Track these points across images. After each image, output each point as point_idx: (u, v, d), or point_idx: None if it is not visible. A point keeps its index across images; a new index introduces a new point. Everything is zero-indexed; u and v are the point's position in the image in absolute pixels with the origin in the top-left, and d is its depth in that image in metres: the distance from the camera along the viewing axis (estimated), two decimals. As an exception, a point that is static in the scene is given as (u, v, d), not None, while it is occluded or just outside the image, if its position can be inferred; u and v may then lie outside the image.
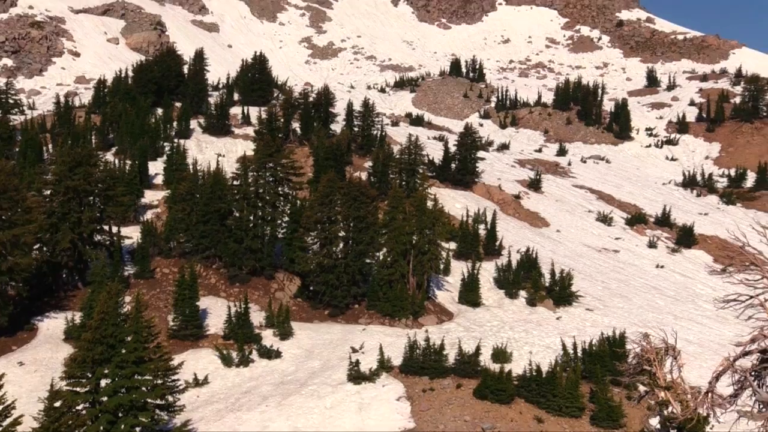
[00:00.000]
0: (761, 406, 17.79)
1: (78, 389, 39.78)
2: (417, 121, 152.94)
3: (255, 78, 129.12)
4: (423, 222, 71.64)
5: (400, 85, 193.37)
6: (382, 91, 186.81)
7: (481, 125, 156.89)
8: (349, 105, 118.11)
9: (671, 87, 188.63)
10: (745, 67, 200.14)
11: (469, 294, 74.55)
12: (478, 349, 59.56)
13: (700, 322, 75.11)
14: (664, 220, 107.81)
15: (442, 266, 76.94)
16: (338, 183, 73.20)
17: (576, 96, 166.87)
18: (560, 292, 76.54)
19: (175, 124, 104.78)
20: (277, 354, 61.06)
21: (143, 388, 41.19)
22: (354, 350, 61.13)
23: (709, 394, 18.71)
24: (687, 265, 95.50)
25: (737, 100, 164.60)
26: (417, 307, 70.00)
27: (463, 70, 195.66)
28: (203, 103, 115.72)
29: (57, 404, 38.54)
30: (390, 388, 55.85)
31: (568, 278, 77.67)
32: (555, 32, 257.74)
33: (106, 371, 39.93)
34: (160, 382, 42.12)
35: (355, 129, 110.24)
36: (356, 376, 56.50)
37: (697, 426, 19.66)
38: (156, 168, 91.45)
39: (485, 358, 59.99)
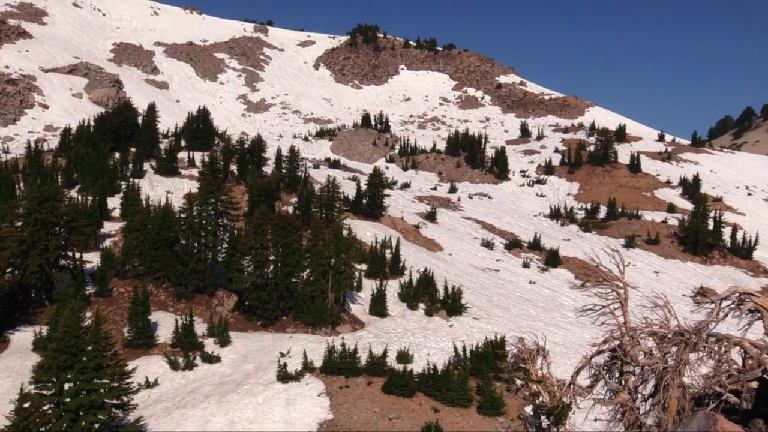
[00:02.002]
0: (611, 394, 18.04)
1: (44, 392, 39.09)
2: (334, 164, 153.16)
3: (199, 128, 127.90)
4: (339, 247, 71.68)
5: (320, 134, 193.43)
6: (306, 139, 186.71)
7: (387, 168, 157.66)
8: (278, 151, 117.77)
9: (540, 137, 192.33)
10: (597, 122, 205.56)
11: (378, 307, 74.55)
12: (385, 352, 59.64)
13: (564, 327, 76.29)
14: (535, 245, 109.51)
15: (355, 284, 77.01)
16: (269, 216, 73.04)
17: (464, 144, 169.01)
18: (452, 305, 76.99)
19: (130, 165, 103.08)
20: (217, 359, 60.34)
21: (101, 390, 40.56)
22: (282, 354, 60.70)
23: (571, 386, 18.84)
24: (554, 281, 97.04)
25: (591, 148, 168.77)
26: (335, 318, 69.75)
27: (372, 122, 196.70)
28: (155, 148, 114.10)
29: (26, 405, 37.72)
30: (312, 386, 55.52)
31: (458, 293, 78.21)
32: (447, 92, 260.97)
33: (69, 376, 39.33)
34: (116, 384, 41.49)
35: (283, 171, 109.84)
36: (284, 376, 56.09)
37: (562, 411, 19.79)
38: (114, 203, 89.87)
39: (391, 360, 60.04)
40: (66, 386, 39.57)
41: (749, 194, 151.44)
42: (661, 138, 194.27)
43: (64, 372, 39.15)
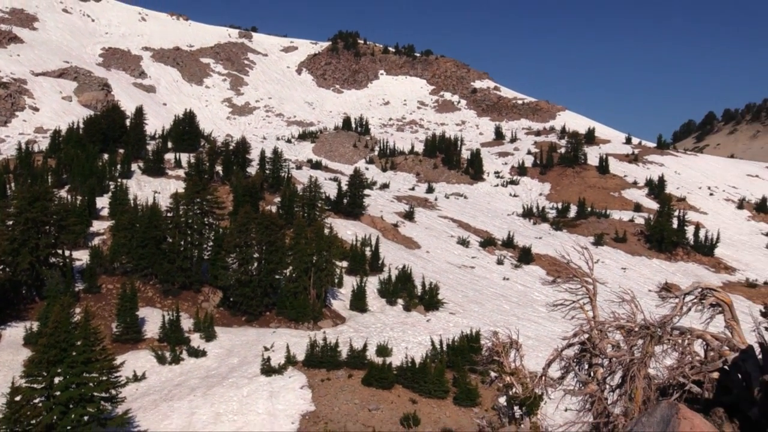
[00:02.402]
0: (581, 385, 18.13)
1: (35, 386, 38.82)
2: (316, 165, 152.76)
3: (185, 130, 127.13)
4: (321, 245, 71.64)
5: (303, 137, 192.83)
6: (289, 141, 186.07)
7: (367, 169, 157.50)
8: (262, 152, 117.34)
9: (513, 140, 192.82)
10: (568, 125, 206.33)
11: (358, 302, 74.57)
12: (365, 346, 59.65)
13: (536, 321, 76.65)
14: (508, 243, 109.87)
15: (336, 280, 76.94)
16: (253, 215, 72.75)
17: (441, 146, 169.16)
18: (429, 300, 77.12)
19: (118, 166, 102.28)
20: (203, 353, 60.12)
21: (91, 384, 40.28)
22: (266, 349, 60.56)
23: (543, 378, 18.92)
24: (526, 277, 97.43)
25: (562, 150, 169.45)
26: (316, 313, 69.73)
27: (353, 125, 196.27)
28: (142, 149, 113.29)
29: (17, 398, 37.47)
30: (295, 379, 55.48)
31: (435, 289, 78.36)
32: (424, 97, 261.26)
33: (59, 370, 39.07)
34: (105, 378, 41.22)
35: (267, 171, 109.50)
36: (268, 369, 56.03)
37: (534, 402, 19.90)
38: (102, 203, 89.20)
39: (371, 353, 60.08)
40: (56, 380, 39.30)
41: (711, 194, 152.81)
42: (628, 141, 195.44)
43: (55, 366, 38.86)
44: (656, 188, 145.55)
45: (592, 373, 17.84)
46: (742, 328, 18.37)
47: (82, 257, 72.46)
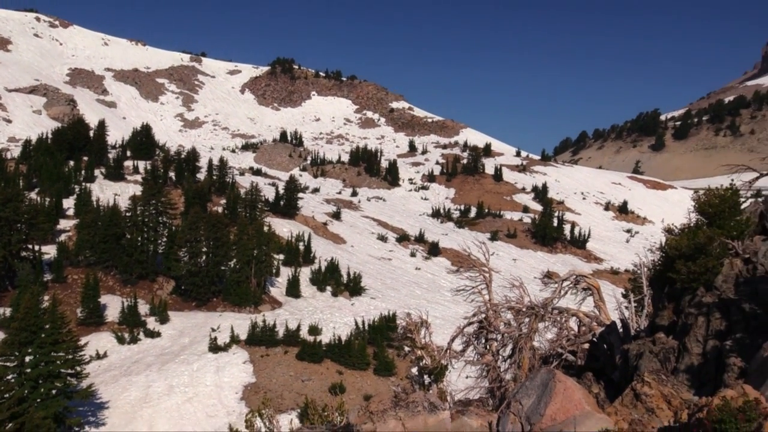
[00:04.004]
0: (479, 356, 18.51)
1: (8, 364, 37.91)
2: (257, 172, 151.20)
3: (142, 141, 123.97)
4: (261, 241, 71.06)
5: (245, 148, 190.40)
6: (233, 151, 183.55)
7: (301, 176, 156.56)
8: (210, 161, 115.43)
9: (424, 152, 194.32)
10: (469, 140, 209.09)
11: (293, 289, 74.15)
12: (299, 326, 59.51)
13: (443, 304, 77.56)
14: (420, 238, 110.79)
15: (274, 271, 76.35)
16: (202, 215, 71.81)
17: (363, 157, 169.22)
18: (354, 287, 77.26)
19: (83, 172, 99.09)
20: (158, 334, 59.05)
21: (58, 362, 39.55)
22: (213, 330, 59.80)
23: (448, 351, 19.21)
24: (435, 267, 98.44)
25: (465, 161, 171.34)
26: (257, 299, 69.15)
27: (289, 138, 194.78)
28: (104, 157, 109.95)
29: (-9, 375, 36.16)
30: (238, 356, 55.00)
31: (358, 277, 78.55)
32: (350, 115, 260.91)
33: (30, 350, 38.31)
34: (70, 357, 40.44)
35: (214, 177, 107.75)
36: (214, 347, 55.38)
37: (440, 371, 20.16)
38: (68, 204, 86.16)
39: (304, 333, 59.99)
40: (27, 359, 38.44)
41: (584, 198, 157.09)
42: (518, 154, 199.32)
43: (26, 347, 38.07)
44: (540, 193, 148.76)
45: (488, 347, 18.24)
46: (607, 308, 19.06)
47: (50, 251, 70.09)
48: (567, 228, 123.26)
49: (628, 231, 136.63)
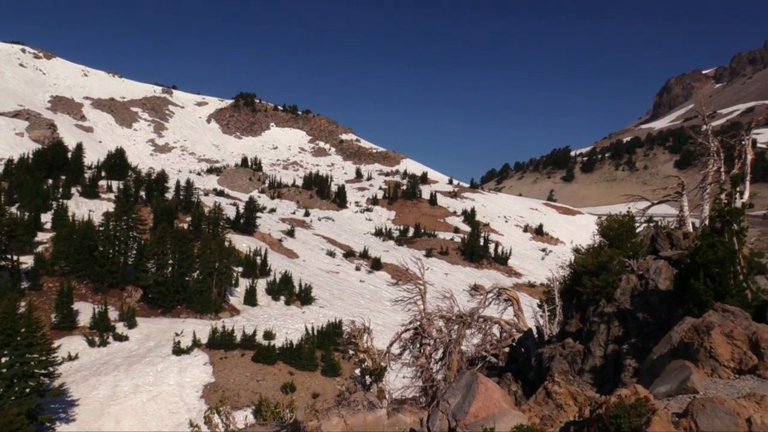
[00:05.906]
0: (414, 359, 18.55)
1: None
2: (220, 193, 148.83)
3: (116, 163, 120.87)
4: (222, 255, 69.96)
5: (210, 171, 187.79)
6: (199, 174, 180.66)
7: (259, 197, 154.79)
8: (177, 182, 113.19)
9: (369, 179, 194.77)
10: (408, 169, 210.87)
11: (250, 298, 73.00)
12: (255, 332, 58.72)
13: (383, 312, 77.52)
14: (364, 254, 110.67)
15: (233, 281, 75.11)
16: (169, 230, 70.32)
17: (316, 181, 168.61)
18: (305, 297, 76.54)
19: (60, 190, 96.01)
20: (126, 338, 57.22)
21: (32, 363, 38.17)
22: (177, 334, 58.32)
23: (387, 354, 19.19)
24: (377, 280, 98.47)
25: (404, 187, 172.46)
26: (218, 306, 67.81)
27: (249, 164, 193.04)
28: (81, 177, 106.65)
29: (-34, 376, 34.46)
30: (200, 358, 53.80)
31: (309, 288, 77.89)
32: (304, 144, 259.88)
33: (6, 352, 36.84)
34: (44, 358, 39.01)
35: (181, 197, 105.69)
36: (178, 350, 54.02)
37: (380, 372, 20.11)
38: (46, 218, 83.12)
39: (259, 337, 59.17)
40: (3, 360, 36.94)
41: (506, 221, 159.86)
42: (450, 182, 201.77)
43: (2, 349, 36.60)
44: (469, 216, 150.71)
45: (422, 350, 18.30)
46: (525, 316, 19.38)
47: (28, 261, 67.39)
48: (492, 247, 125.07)
49: (543, 250, 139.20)
